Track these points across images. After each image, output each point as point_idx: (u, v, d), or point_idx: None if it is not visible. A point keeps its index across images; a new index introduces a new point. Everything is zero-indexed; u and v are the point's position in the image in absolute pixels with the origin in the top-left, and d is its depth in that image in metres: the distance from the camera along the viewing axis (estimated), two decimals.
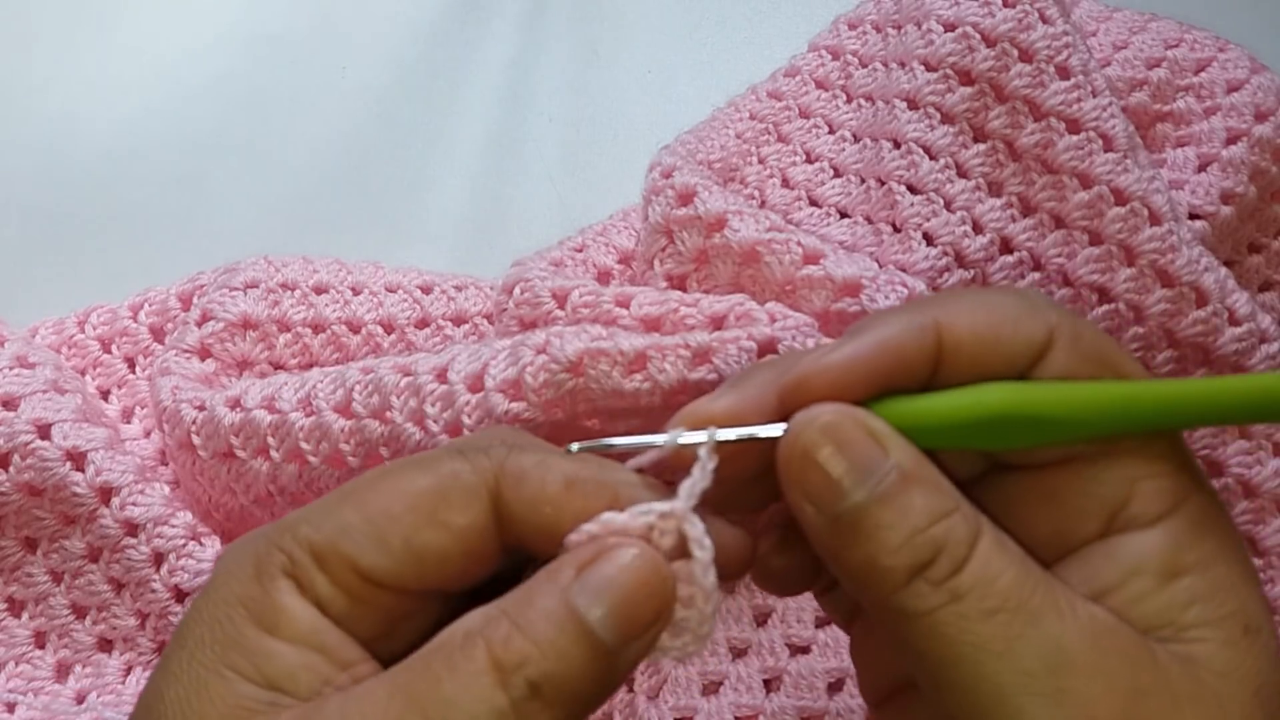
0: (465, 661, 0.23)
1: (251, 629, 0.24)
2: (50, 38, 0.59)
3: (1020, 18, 0.42)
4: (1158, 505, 0.25)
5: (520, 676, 0.22)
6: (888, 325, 0.25)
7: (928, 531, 0.24)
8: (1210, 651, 0.24)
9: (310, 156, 0.57)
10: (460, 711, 0.22)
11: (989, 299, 0.26)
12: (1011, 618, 0.24)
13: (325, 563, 0.25)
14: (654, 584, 0.24)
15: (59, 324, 0.50)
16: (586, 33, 0.60)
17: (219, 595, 0.25)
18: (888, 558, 0.24)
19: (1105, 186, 0.42)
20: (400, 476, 0.26)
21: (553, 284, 0.42)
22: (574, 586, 0.24)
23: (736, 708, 0.42)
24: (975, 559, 0.24)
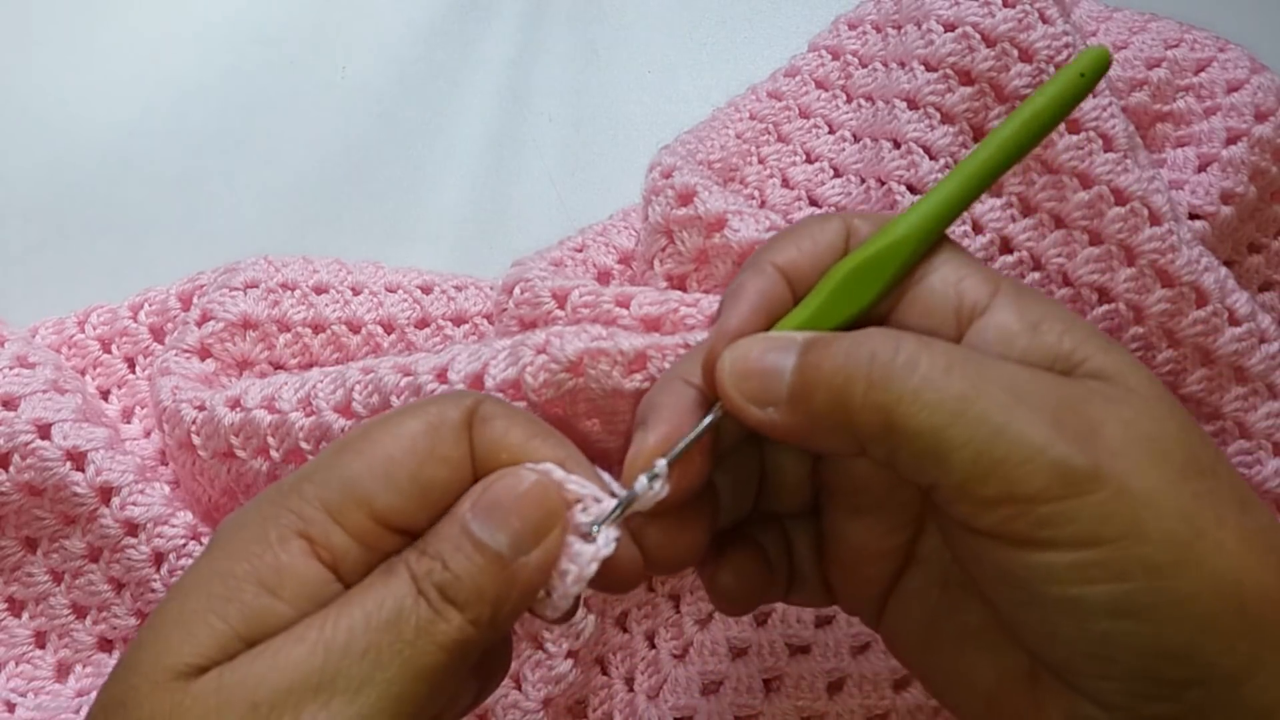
0: (391, 577, 0.26)
1: (252, 585, 0.26)
2: (50, 38, 0.59)
3: (1020, 18, 0.42)
4: (984, 290, 0.29)
5: (429, 583, 0.26)
6: (745, 285, 0.30)
7: (858, 345, 0.28)
8: (1100, 364, 0.28)
9: (310, 156, 0.57)
10: (388, 608, 0.26)
11: (795, 229, 0.32)
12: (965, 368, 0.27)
13: (340, 515, 0.27)
14: (536, 497, 0.27)
15: (59, 324, 0.50)
16: (586, 33, 0.60)
17: (223, 551, 0.27)
18: (841, 376, 0.27)
19: (1105, 186, 0.42)
20: (390, 424, 0.28)
21: (553, 284, 0.42)
22: (468, 512, 0.27)
23: (736, 708, 0.42)
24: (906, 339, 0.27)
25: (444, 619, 0.26)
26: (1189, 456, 0.26)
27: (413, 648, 0.25)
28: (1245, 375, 0.41)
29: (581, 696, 0.43)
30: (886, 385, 0.27)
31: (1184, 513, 0.25)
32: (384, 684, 0.25)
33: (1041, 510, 0.25)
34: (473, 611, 0.26)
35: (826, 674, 0.42)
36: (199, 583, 0.26)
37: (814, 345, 0.28)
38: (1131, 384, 0.27)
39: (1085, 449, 0.25)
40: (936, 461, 0.26)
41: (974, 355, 0.28)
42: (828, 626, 0.43)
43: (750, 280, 0.30)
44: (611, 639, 0.43)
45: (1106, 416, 0.26)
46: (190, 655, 0.25)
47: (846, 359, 0.28)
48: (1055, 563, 0.25)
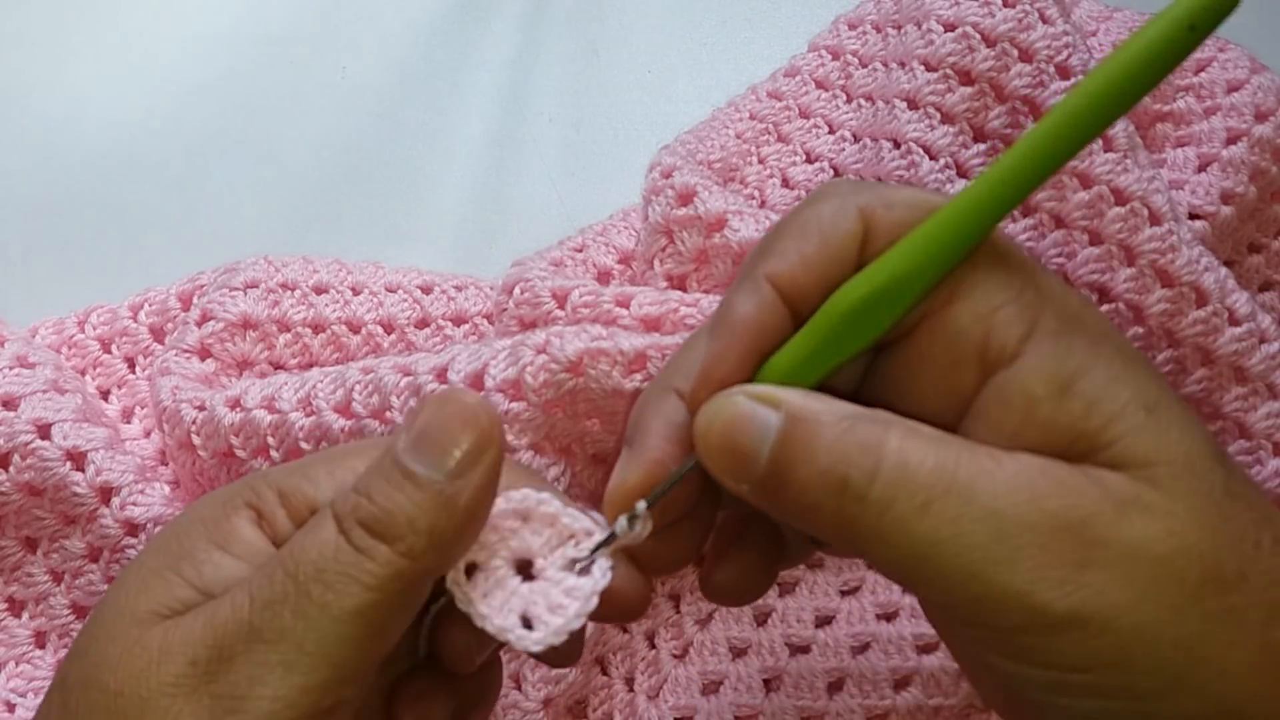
0: (317, 523, 0.26)
1: (204, 543, 0.27)
2: (50, 38, 0.59)
3: (1020, 18, 0.42)
4: (1016, 330, 0.25)
5: (353, 520, 0.25)
6: (734, 308, 0.27)
7: (831, 454, 0.25)
8: (1127, 448, 0.25)
9: (310, 156, 0.57)
10: (308, 554, 0.25)
11: (800, 220, 0.27)
12: (944, 504, 0.24)
13: (287, 501, 0.27)
14: (468, 418, 0.26)
15: (59, 324, 0.50)
16: (586, 33, 0.60)
17: (182, 518, 0.28)
18: (810, 495, 0.25)
19: (1105, 186, 0.42)
20: (370, 448, 0.28)
21: (553, 284, 0.42)
22: (400, 443, 0.26)
23: (736, 708, 0.42)
24: (887, 461, 0.25)
25: (370, 556, 0.25)
26: (1209, 570, 0.24)
27: (334, 590, 0.25)
28: (1245, 375, 0.41)
29: (581, 696, 0.43)
30: (854, 522, 0.25)
31: (1183, 641, 0.24)
32: (304, 632, 0.24)
33: (1022, 640, 0.24)
34: (404, 544, 0.25)
35: (826, 674, 0.42)
36: (161, 543, 0.27)
37: (790, 439, 0.26)
38: (1162, 478, 0.24)
39: (1069, 589, 0.24)
40: (911, 587, 0.26)
41: (963, 474, 0.24)
42: (828, 626, 0.43)
43: (741, 302, 0.27)
44: (611, 639, 0.43)
45: (1111, 536, 0.24)
46: (146, 604, 0.26)
47: (817, 476, 0.25)
48: (1034, 677, 0.25)
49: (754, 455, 0.26)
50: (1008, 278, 0.26)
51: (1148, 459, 0.25)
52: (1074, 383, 0.25)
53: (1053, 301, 0.26)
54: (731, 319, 0.27)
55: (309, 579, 0.25)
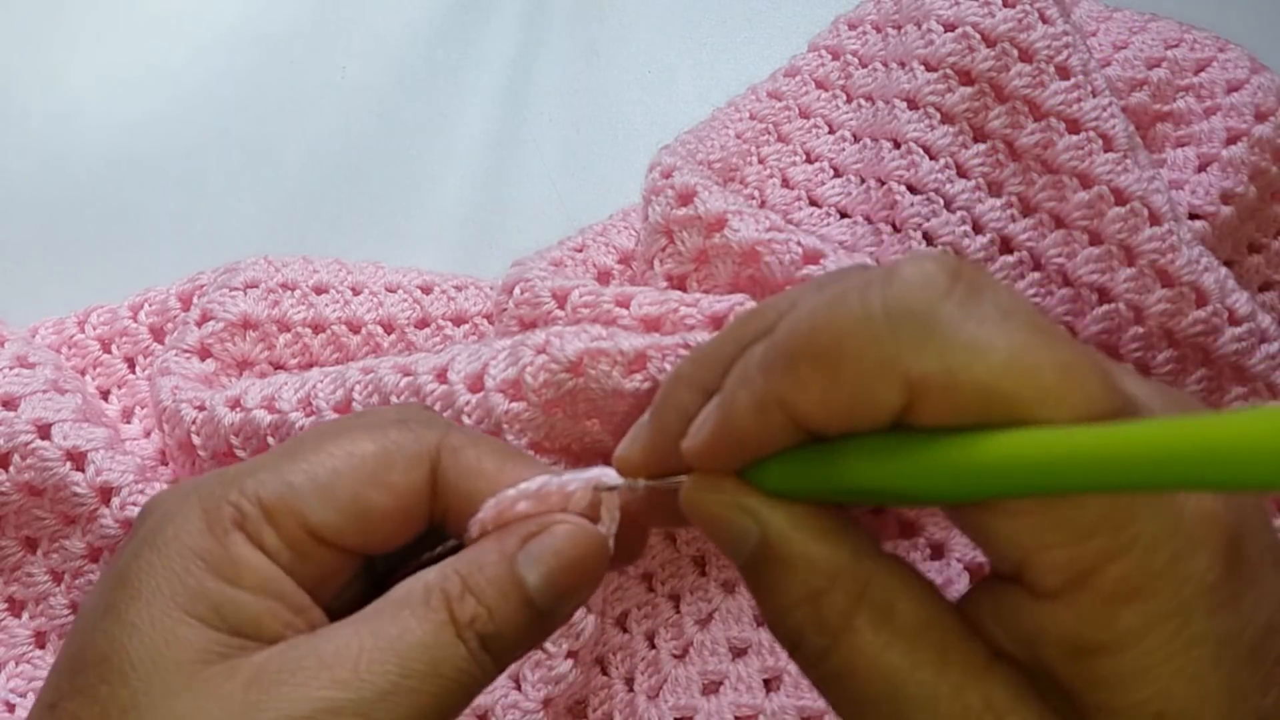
0: (431, 613, 0.25)
1: (212, 580, 0.25)
2: (50, 38, 0.59)
3: (1020, 18, 0.42)
4: (1055, 580, 0.21)
5: (472, 631, 0.25)
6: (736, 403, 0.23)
7: (791, 615, 0.23)
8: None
9: (310, 156, 0.57)
10: (429, 652, 0.25)
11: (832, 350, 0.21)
12: (876, 711, 0.22)
13: (274, 518, 0.26)
14: (591, 555, 0.26)
15: (59, 324, 0.50)
16: (586, 33, 0.60)
17: (171, 549, 0.26)
18: (770, 624, 0.24)
19: (1105, 186, 0.42)
20: (344, 440, 0.27)
21: (553, 284, 0.42)
22: (520, 555, 0.26)
23: (736, 707, 0.42)
24: (839, 651, 0.23)
25: (480, 668, 0.25)
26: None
27: (440, 699, 0.25)
28: (1245, 375, 0.41)
29: (581, 696, 0.43)
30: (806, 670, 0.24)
31: None
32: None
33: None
34: (505, 660, 0.26)
35: None
36: (159, 580, 0.25)
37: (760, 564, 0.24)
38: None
39: None
40: None
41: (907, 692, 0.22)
42: None
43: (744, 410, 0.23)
44: (611, 639, 0.43)
45: None
46: (186, 655, 0.24)
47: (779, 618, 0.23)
48: None
49: (732, 553, 0.25)
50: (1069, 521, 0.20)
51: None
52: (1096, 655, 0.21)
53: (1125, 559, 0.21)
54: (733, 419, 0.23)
55: (424, 681, 0.25)
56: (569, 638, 0.41)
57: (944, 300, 0.20)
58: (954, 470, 0.20)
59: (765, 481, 0.24)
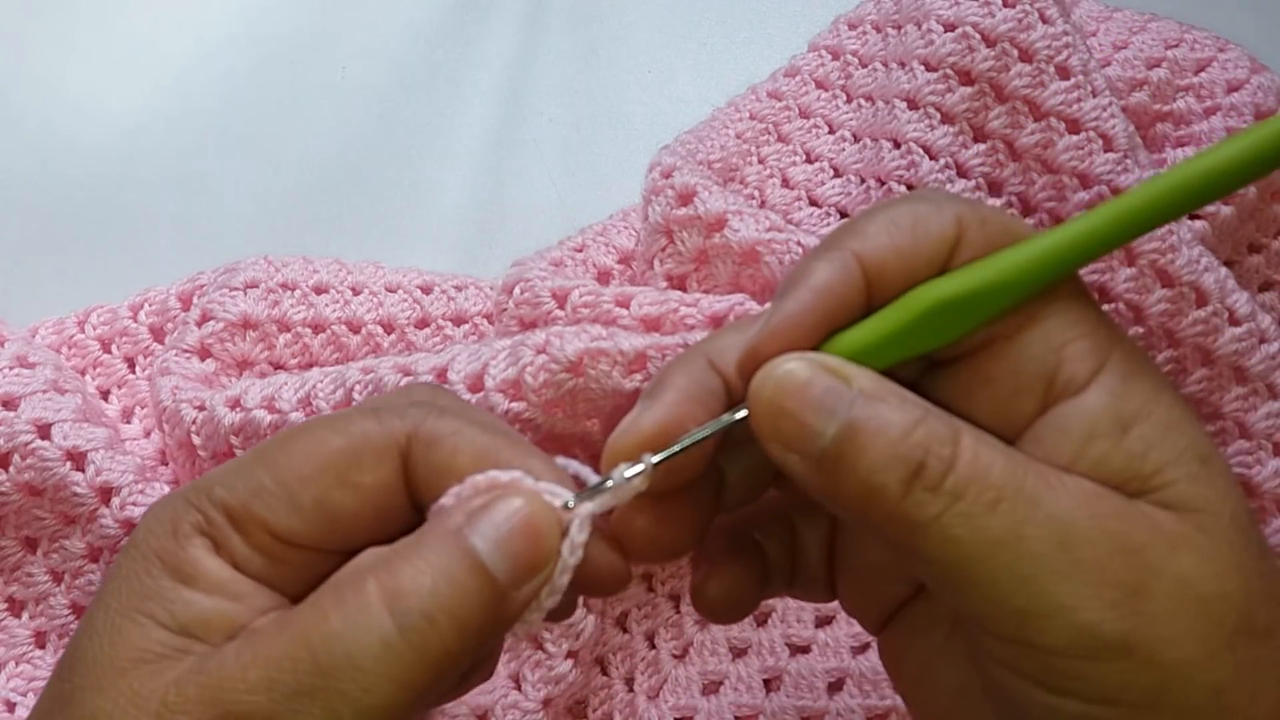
0: (354, 595, 0.24)
1: (167, 580, 0.25)
2: (50, 38, 0.59)
3: (1020, 18, 0.42)
4: (1087, 364, 0.26)
5: (408, 604, 0.23)
6: (815, 273, 0.26)
7: (909, 439, 0.24)
8: (1180, 492, 0.25)
9: (310, 156, 0.57)
10: (345, 641, 0.23)
11: (895, 212, 0.27)
12: (1013, 505, 0.24)
13: (240, 524, 0.25)
14: (543, 529, 0.25)
15: (59, 324, 0.50)
16: (586, 33, 0.60)
17: (137, 551, 0.26)
18: (879, 475, 0.25)
19: (1105, 186, 0.42)
20: (312, 437, 0.26)
21: (553, 284, 0.42)
22: (467, 527, 0.25)
23: (736, 708, 0.42)
24: (963, 455, 0.24)
25: (419, 655, 0.23)
26: (1244, 618, 0.24)
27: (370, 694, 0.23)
28: (1245, 375, 0.41)
29: (581, 697, 0.43)
30: (921, 508, 0.24)
31: (1216, 686, 0.24)
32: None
33: (1058, 663, 0.24)
34: (456, 641, 0.24)
35: (826, 674, 0.42)
36: (121, 581, 0.26)
37: (863, 418, 0.25)
38: (1209, 525, 0.25)
39: (1122, 613, 0.24)
40: (953, 591, 0.25)
41: (1030, 483, 0.24)
42: (828, 626, 0.43)
43: (823, 267, 0.26)
44: (611, 639, 0.43)
45: (1161, 568, 0.24)
46: (125, 652, 0.24)
47: (891, 458, 0.24)
48: (1063, 708, 0.24)
49: (817, 427, 0.25)
50: (1083, 313, 0.26)
51: (1197, 505, 0.25)
52: (1135, 423, 0.25)
53: (1121, 344, 0.26)
54: (810, 283, 0.26)
55: (345, 675, 0.23)
56: (569, 638, 0.41)
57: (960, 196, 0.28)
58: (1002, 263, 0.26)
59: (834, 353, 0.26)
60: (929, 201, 0.27)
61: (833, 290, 0.26)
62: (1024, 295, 0.26)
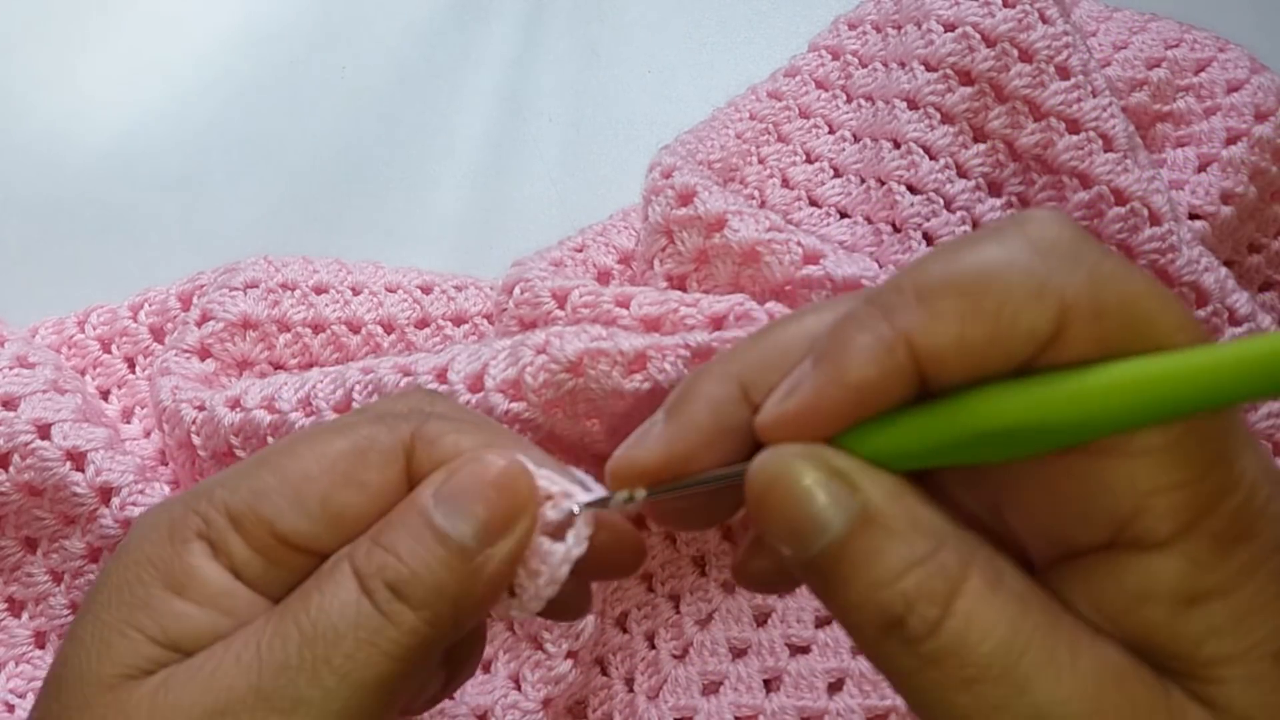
0: (331, 577, 0.24)
1: (159, 590, 0.24)
2: (50, 37, 0.59)
3: (1020, 18, 0.42)
4: (1170, 524, 0.21)
5: (379, 580, 0.24)
6: (852, 350, 0.22)
7: (895, 586, 0.21)
8: (1229, 695, 0.21)
9: (310, 156, 0.57)
10: (328, 616, 0.23)
11: (979, 284, 0.21)
12: (992, 689, 0.21)
13: (241, 526, 0.25)
14: (506, 483, 0.25)
15: (59, 324, 0.50)
16: (586, 33, 0.60)
17: (130, 557, 0.25)
18: (854, 614, 0.22)
19: (1105, 186, 0.42)
20: (317, 440, 0.26)
21: (553, 284, 0.42)
22: (430, 499, 0.25)
23: (736, 708, 0.42)
24: (954, 618, 0.21)
25: (394, 622, 0.23)
26: None
27: (353, 660, 0.23)
28: None
29: (581, 697, 0.43)
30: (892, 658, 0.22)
31: None
32: (322, 701, 0.23)
33: None
34: (430, 610, 0.24)
35: (826, 674, 0.42)
36: (113, 591, 0.25)
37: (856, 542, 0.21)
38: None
39: None
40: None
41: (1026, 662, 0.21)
42: (828, 626, 0.43)
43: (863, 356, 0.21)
44: (611, 639, 0.43)
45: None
46: (111, 668, 0.24)
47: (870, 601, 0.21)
48: None
49: (809, 537, 0.22)
50: (1191, 454, 0.21)
51: (1247, 714, 0.21)
52: (1208, 601, 0.21)
53: (1234, 495, 0.21)
54: (847, 367, 0.22)
55: (328, 645, 0.23)
56: (569, 638, 0.41)
57: (1085, 238, 0.21)
58: (1103, 394, 0.20)
59: (857, 449, 0.22)
60: (1033, 275, 0.20)
61: (866, 381, 0.22)
62: (1121, 430, 0.20)
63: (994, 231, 0.21)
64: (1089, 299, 0.20)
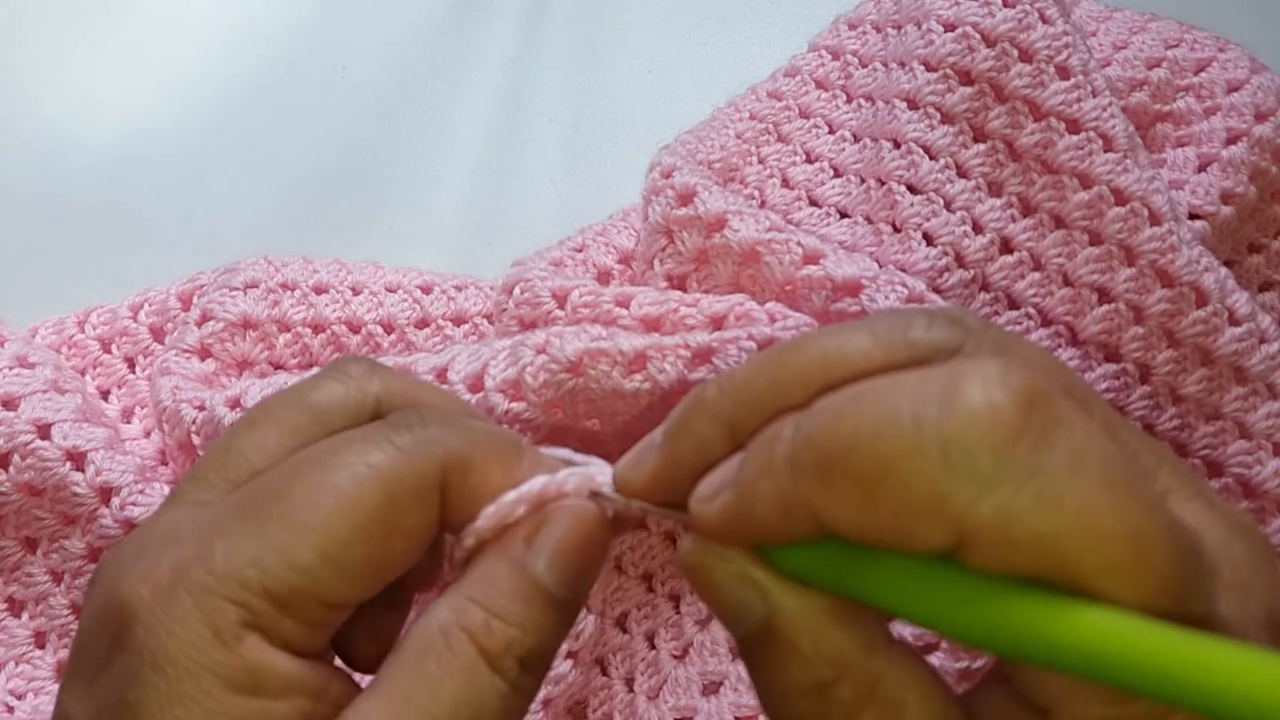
0: (456, 658, 0.23)
1: (233, 697, 0.22)
2: (50, 37, 0.59)
3: (1020, 18, 0.42)
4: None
5: (510, 658, 0.23)
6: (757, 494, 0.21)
7: (789, 703, 0.22)
8: None
9: (310, 156, 0.57)
10: (467, 705, 0.23)
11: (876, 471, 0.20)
12: None
13: (290, 608, 0.23)
14: (593, 531, 0.25)
15: (59, 324, 0.50)
16: (586, 33, 0.60)
17: (182, 669, 0.22)
18: (764, 701, 0.23)
19: (1105, 186, 0.42)
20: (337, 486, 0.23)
21: (553, 284, 0.42)
22: (528, 556, 0.24)
23: (736, 708, 0.42)
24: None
25: (524, 695, 0.23)
26: None
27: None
28: (1245, 375, 0.41)
29: (581, 697, 0.43)
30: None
31: None
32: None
33: None
34: (544, 674, 0.24)
35: None
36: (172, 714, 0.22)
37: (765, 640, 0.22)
38: None
39: None
40: None
41: None
42: None
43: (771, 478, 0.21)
44: (611, 640, 0.43)
45: None
46: None
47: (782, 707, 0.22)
48: None
49: (730, 625, 0.23)
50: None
51: None
52: None
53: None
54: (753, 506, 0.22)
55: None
56: (569, 638, 0.41)
57: (1013, 445, 0.18)
58: (998, 625, 0.19)
59: (779, 561, 0.22)
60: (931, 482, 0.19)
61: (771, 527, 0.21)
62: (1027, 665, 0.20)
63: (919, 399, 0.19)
64: (996, 526, 0.19)
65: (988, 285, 0.43)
